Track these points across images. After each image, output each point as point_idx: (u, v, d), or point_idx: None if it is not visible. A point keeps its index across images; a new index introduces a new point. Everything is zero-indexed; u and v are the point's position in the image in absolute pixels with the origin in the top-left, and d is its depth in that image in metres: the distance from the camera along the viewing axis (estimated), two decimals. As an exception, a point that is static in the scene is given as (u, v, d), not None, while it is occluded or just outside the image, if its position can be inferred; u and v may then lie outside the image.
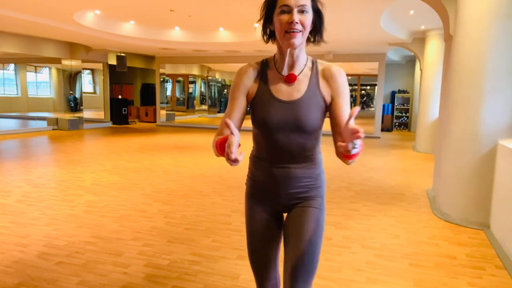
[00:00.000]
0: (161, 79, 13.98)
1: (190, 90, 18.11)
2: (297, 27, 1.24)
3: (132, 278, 2.50)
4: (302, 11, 1.25)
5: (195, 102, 18.31)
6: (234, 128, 1.04)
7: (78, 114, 11.93)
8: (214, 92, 19.34)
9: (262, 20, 1.35)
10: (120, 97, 14.24)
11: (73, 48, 11.29)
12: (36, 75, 15.51)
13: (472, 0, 3.52)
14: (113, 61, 12.54)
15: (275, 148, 1.37)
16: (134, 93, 16.50)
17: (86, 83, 16.40)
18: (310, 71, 1.36)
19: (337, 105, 1.32)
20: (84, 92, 12.81)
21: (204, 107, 18.45)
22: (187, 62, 13.92)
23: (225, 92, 19.99)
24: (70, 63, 11.65)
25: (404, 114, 13.43)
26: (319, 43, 1.38)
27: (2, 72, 14.82)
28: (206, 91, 18.56)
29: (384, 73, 11.30)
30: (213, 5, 6.79)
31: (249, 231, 1.51)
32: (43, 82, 15.64)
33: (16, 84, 15.06)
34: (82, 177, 5.33)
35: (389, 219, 3.78)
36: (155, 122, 14.41)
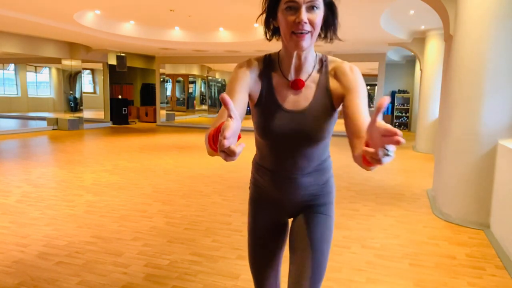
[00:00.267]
0: (161, 79, 13.98)
1: (190, 90, 18.12)
2: (305, 28, 1.06)
3: (132, 278, 2.50)
4: (312, 7, 1.06)
5: (195, 102, 18.33)
6: (233, 109, 0.76)
7: (78, 114, 11.92)
8: (214, 92, 19.33)
9: (265, 15, 1.16)
10: (120, 97, 14.23)
11: (73, 48, 11.29)
12: (36, 75, 15.53)
13: (472, 0, 3.52)
14: (113, 61, 12.53)
15: (279, 157, 1.26)
16: (134, 93, 16.50)
17: (86, 83, 16.44)
18: (318, 73, 1.20)
19: (350, 102, 1.12)
20: (84, 92, 12.81)
21: (204, 107, 18.47)
22: (187, 62, 13.93)
23: (225, 92, 19.98)
24: (70, 63, 11.64)
25: (404, 114, 13.43)
26: (332, 41, 1.19)
27: (2, 72, 14.83)
28: (206, 91, 18.57)
29: (384, 73, 11.29)
30: (213, 5, 6.79)
31: (251, 237, 1.42)
32: (43, 82, 15.67)
33: (16, 84, 15.07)
34: (82, 177, 5.33)
35: (389, 219, 3.78)
36: (155, 122, 14.41)
